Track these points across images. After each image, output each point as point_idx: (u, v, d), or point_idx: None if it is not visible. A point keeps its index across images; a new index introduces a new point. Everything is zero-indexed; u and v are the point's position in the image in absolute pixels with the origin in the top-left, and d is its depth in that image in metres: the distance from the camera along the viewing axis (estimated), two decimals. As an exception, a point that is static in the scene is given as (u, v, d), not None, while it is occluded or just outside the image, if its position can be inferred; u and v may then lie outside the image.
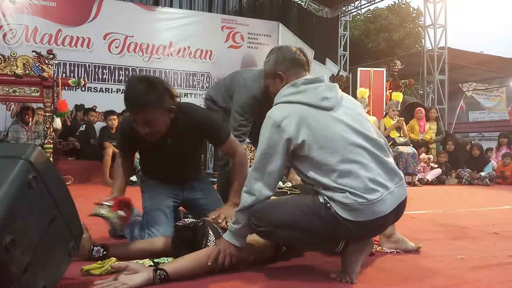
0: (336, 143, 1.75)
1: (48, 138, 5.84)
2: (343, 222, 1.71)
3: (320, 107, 1.81)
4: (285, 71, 1.96)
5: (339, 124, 1.80)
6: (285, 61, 1.97)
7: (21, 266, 1.31)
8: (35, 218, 1.40)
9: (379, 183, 1.74)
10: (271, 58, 2.00)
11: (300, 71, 1.96)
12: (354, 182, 1.71)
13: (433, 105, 11.13)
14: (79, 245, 1.70)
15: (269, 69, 2.00)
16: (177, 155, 2.29)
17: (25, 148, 1.42)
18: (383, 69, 9.28)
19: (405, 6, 20.05)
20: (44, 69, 5.70)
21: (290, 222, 1.76)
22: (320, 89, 1.86)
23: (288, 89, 1.89)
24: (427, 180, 7.90)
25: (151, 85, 2.00)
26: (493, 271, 2.02)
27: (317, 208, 1.75)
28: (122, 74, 10.04)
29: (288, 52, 1.98)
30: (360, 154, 1.76)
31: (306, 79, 1.89)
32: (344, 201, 1.70)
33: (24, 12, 9.20)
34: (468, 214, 4.17)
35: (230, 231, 1.87)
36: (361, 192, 1.70)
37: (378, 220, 1.74)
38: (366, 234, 1.80)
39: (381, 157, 1.80)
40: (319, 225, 1.74)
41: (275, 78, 1.98)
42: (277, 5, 13.86)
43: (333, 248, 1.82)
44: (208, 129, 2.27)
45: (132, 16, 10.24)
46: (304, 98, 1.83)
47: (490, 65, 14.81)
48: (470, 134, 18.92)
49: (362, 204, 1.69)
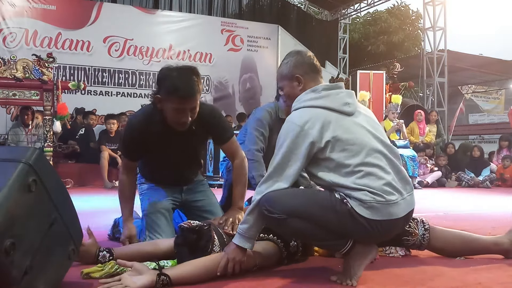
0: (358, 147, 1.79)
1: (48, 141, 5.84)
2: (358, 219, 1.74)
3: (342, 112, 1.85)
4: (303, 74, 1.97)
5: (360, 129, 1.85)
6: (304, 65, 1.98)
7: (21, 269, 1.31)
8: (35, 221, 1.40)
9: (395, 188, 1.79)
10: (290, 60, 2.00)
11: (317, 77, 1.99)
12: (373, 183, 1.75)
13: (433, 108, 11.14)
14: (79, 248, 1.70)
15: (287, 71, 2.00)
16: (185, 150, 2.31)
17: (25, 151, 1.42)
18: (383, 72, 9.30)
19: (404, 9, 20.07)
20: (44, 72, 5.70)
21: (305, 212, 1.76)
22: (341, 95, 1.90)
23: (308, 94, 1.90)
24: (427, 183, 7.90)
25: (198, 75, 2.12)
26: (493, 273, 2.01)
27: (333, 203, 1.77)
28: (122, 77, 10.05)
29: (307, 57, 2.00)
30: (379, 159, 1.81)
31: (327, 85, 1.93)
32: (362, 198, 1.73)
33: (24, 15, 9.21)
34: (468, 216, 4.17)
35: (239, 234, 1.85)
36: (380, 192, 1.74)
37: (391, 222, 1.78)
38: (377, 235, 1.82)
39: (397, 165, 1.87)
40: (334, 219, 1.75)
41: (293, 80, 1.98)
42: (277, 8, 13.88)
43: (340, 247, 1.81)
44: (216, 123, 2.34)
45: (132, 19, 10.26)
46: (327, 103, 1.85)
47: (490, 68, 14.84)
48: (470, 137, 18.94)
49: (379, 203, 1.73)
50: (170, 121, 2.16)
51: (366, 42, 19.12)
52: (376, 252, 1.89)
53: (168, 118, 2.15)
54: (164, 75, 2.11)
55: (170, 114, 2.13)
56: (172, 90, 2.05)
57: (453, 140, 12.09)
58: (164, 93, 2.09)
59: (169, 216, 2.36)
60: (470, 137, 19.32)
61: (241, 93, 11.32)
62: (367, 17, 20.09)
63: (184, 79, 2.06)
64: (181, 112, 2.10)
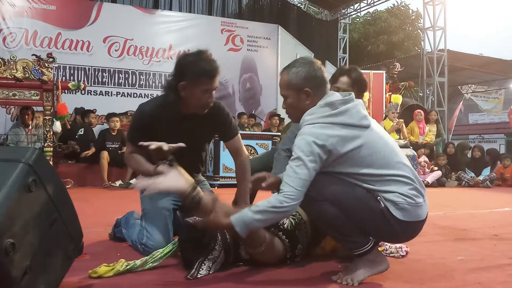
0: (383, 159, 1.81)
1: (48, 141, 5.84)
2: (390, 219, 1.76)
3: (361, 126, 1.83)
4: (312, 88, 1.90)
5: (381, 140, 1.86)
6: (315, 79, 1.91)
7: (21, 269, 1.31)
8: (35, 221, 1.40)
9: (419, 191, 1.83)
10: (301, 71, 1.91)
11: (325, 90, 1.94)
12: (402, 188, 1.79)
13: (432, 108, 11.14)
14: (79, 248, 1.70)
15: (296, 82, 1.91)
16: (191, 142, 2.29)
17: (25, 151, 1.42)
18: (383, 72, 9.31)
19: (404, 9, 20.09)
20: (44, 72, 5.70)
21: (340, 200, 1.77)
22: (358, 108, 1.86)
23: (324, 108, 1.84)
24: (427, 183, 7.89)
25: (211, 54, 2.22)
26: (493, 273, 2.02)
27: (368, 198, 1.79)
28: (122, 77, 10.05)
29: (318, 70, 1.93)
30: (402, 169, 1.83)
31: (342, 100, 1.86)
32: (395, 200, 1.77)
33: (24, 15, 9.21)
34: (468, 216, 4.17)
35: (243, 217, 1.74)
36: (409, 194, 1.78)
37: (417, 224, 1.83)
38: (403, 236, 1.87)
39: (415, 171, 1.90)
40: (365, 215, 1.77)
41: (301, 93, 1.90)
42: (277, 8, 13.88)
43: (357, 246, 1.81)
44: (225, 117, 2.43)
45: (132, 19, 10.25)
46: (347, 120, 1.82)
47: (490, 67, 14.84)
48: (470, 136, 18.95)
49: (410, 204, 1.77)
50: (195, 106, 2.24)
51: (366, 42, 19.13)
52: (386, 267, 1.87)
53: (194, 102, 2.23)
54: (187, 62, 2.20)
55: (198, 96, 2.20)
56: (202, 72, 2.16)
57: (453, 139, 12.10)
58: (192, 78, 2.17)
59: (169, 217, 2.35)
60: (470, 137, 19.34)
61: (241, 93, 11.32)
62: (367, 17, 20.11)
63: (208, 60, 2.19)
64: (209, 92, 2.21)
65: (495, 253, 2.45)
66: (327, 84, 1.96)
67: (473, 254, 2.40)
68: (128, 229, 2.49)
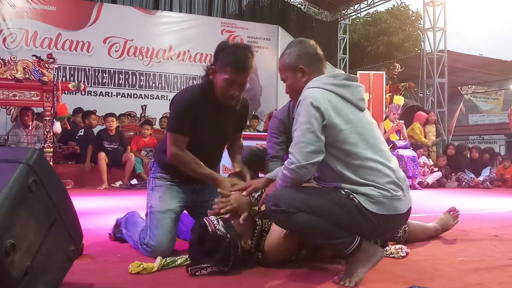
0: (369, 142, 1.83)
1: (48, 142, 5.83)
2: (366, 213, 1.76)
3: (357, 107, 1.87)
4: (307, 65, 1.95)
5: (370, 125, 1.89)
6: (308, 56, 1.96)
7: (21, 269, 1.31)
8: (35, 222, 1.40)
9: (398, 185, 1.83)
10: (294, 51, 1.98)
11: (321, 67, 1.98)
12: (379, 179, 1.78)
13: (432, 108, 11.15)
14: (79, 249, 1.70)
15: (290, 61, 1.98)
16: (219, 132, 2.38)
17: (25, 152, 1.43)
18: (383, 73, 9.29)
19: (404, 10, 20.07)
20: (44, 73, 5.69)
21: (313, 206, 1.77)
22: (360, 89, 1.92)
23: (328, 78, 1.89)
24: (427, 183, 7.89)
25: (252, 54, 2.27)
26: (493, 273, 2.02)
27: (339, 198, 1.78)
28: (122, 78, 10.06)
29: (310, 47, 1.99)
30: (385, 157, 1.85)
31: (347, 75, 1.93)
32: (369, 193, 1.76)
33: (24, 16, 9.23)
34: (468, 217, 4.17)
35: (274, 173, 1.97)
36: (386, 187, 1.78)
37: (396, 217, 1.82)
38: (383, 230, 1.86)
39: (396, 163, 1.91)
40: (341, 214, 1.77)
41: (296, 72, 1.96)
42: (277, 9, 13.89)
43: (346, 246, 1.80)
44: (247, 111, 2.54)
45: (132, 20, 10.27)
46: (347, 94, 1.86)
47: (490, 68, 14.84)
48: (470, 137, 18.94)
49: (386, 198, 1.77)
50: (218, 93, 2.25)
51: (366, 42, 19.12)
52: (381, 255, 1.87)
53: (218, 90, 2.24)
54: (221, 48, 2.24)
55: (221, 85, 2.22)
56: (227, 61, 2.18)
57: (453, 140, 12.09)
58: (219, 64, 2.21)
59: (176, 219, 2.33)
60: (470, 138, 19.33)
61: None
62: (367, 17, 20.10)
63: (240, 53, 2.21)
64: (231, 83, 2.21)
65: (495, 254, 2.44)
66: (324, 62, 1.99)
67: (473, 255, 2.40)
68: (129, 229, 2.48)
